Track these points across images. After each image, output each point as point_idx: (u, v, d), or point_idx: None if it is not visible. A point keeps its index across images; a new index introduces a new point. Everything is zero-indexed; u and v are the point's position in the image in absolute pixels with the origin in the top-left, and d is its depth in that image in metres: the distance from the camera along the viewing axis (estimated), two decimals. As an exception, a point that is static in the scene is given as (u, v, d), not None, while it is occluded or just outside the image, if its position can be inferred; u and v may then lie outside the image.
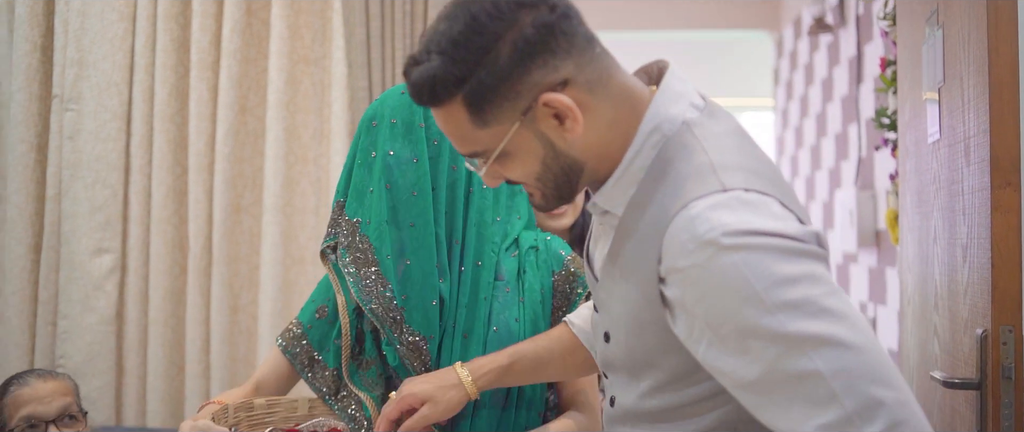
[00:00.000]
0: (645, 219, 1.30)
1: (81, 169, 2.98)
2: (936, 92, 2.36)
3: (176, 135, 3.03)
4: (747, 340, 1.20)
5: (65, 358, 2.95)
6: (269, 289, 2.95)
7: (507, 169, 1.36)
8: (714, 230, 1.20)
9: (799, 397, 1.18)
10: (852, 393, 1.16)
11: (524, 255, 1.89)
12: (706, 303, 1.22)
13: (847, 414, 1.16)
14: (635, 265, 1.32)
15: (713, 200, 1.23)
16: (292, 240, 3.02)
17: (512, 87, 1.27)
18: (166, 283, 3.02)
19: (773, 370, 1.19)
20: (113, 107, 2.99)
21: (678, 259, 1.23)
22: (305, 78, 3.03)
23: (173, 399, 3.03)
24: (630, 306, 1.35)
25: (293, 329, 1.94)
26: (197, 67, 2.99)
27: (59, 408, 2.26)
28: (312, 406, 1.91)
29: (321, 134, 3.04)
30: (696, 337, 1.25)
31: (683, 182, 1.27)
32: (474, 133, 1.31)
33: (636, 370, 1.41)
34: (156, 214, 3.01)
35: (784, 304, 1.18)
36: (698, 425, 1.37)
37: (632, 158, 1.33)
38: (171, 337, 3.03)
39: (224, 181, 2.97)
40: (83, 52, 2.98)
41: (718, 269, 1.19)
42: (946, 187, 2.28)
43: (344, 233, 1.79)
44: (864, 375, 1.16)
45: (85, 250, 2.97)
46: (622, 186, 1.35)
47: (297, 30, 3.02)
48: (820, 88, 5.23)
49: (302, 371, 1.91)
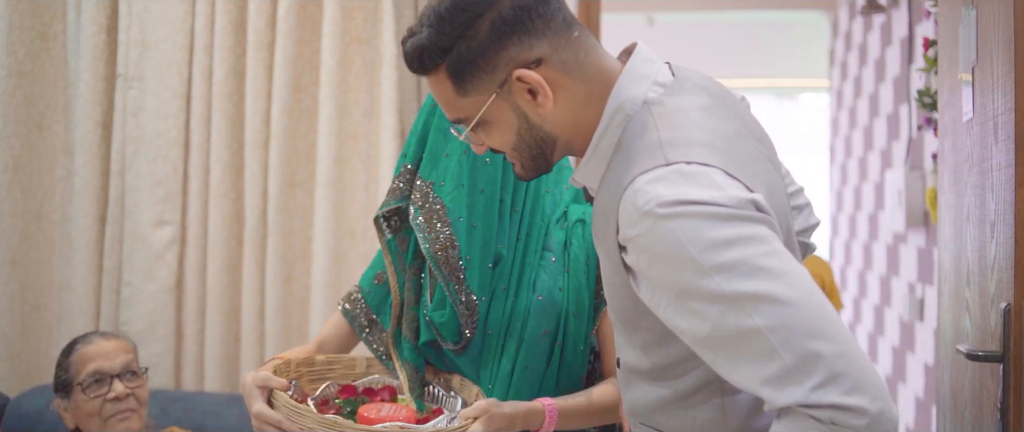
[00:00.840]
0: (610, 190, 1.40)
1: (143, 145, 3.11)
2: (970, 72, 2.39)
3: (233, 113, 3.14)
4: (691, 302, 1.29)
5: (127, 324, 3.09)
6: (321, 260, 3.06)
7: (487, 137, 1.49)
8: (651, 202, 1.29)
9: (744, 353, 1.27)
10: (790, 347, 1.24)
11: (571, 228, 1.97)
12: (654, 269, 1.32)
13: (787, 367, 1.24)
14: (604, 236, 1.42)
15: (654, 174, 1.32)
16: (343, 214, 3.12)
17: (489, 61, 1.40)
18: (223, 254, 3.14)
19: (718, 328, 1.28)
20: (174, 86, 3.11)
21: (627, 229, 1.33)
22: (357, 57, 3.13)
23: (229, 365, 3.15)
24: (611, 274, 1.46)
25: (354, 294, 2.07)
26: (253, 47, 3.10)
27: (123, 364, 2.41)
28: (369, 365, 2.03)
29: (371, 112, 3.13)
30: (656, 300, 1.36)
31: (634, 158, 1.37)
32: (457, 100, 1.44)
33: (628, 331, 1.52)
34: (214, 188, 3.13)
35: (718, 266, 1.26)
36: (687, 383, 1.47)
37: (600, 137, 1.44)
38: (227, 306, 3.15)
39: (279, 157, 3.08)
40: (146, 33, 3.11)
41: (657, 237, 1.29)
42: (978, 165, 2.31)
43: (419, 192, 1.88)
44: (800, 329, 1.24)
45: (147, 222, 3.10)
46: (593, 164, 1.46)
47: (349, 11, 3.11)
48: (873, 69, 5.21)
49: (360, 332, 2.04)
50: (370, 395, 1.93)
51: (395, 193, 1.93)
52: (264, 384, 1.78)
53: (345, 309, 2.05)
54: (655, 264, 1.32)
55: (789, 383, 1.24)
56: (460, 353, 1.92)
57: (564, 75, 1.43)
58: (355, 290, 2.07)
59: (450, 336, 1.90)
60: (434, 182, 1.87)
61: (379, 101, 3.10)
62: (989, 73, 2.21)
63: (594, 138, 1.44)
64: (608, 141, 1.44)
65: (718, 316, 1.27)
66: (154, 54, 3.11)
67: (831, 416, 1.23)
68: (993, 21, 2.18)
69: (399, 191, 1.92)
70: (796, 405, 1.24)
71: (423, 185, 1.88)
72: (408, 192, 1.92)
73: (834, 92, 6.50)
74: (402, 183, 1.92)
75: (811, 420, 1.24)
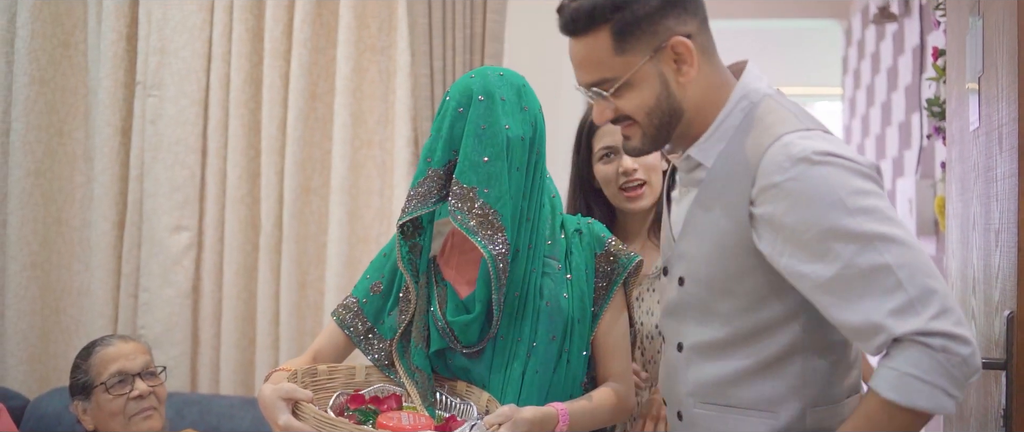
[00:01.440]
0: (736, 160, 1.61)
1: (162, 151, 3.16)
2: (977, 82, 2.41)
3: (250, 120, 3.19)
4: (828, 242, 1.51)
5: (145, 328, 3.13)
6: (335, 266, 3.10)
7: (625, 99, 1.65)
8: (805, 150, 1.53)
9: (870, 289, 1.49)
10: (913, 282, 1.48)
11: (570, 237, 2.00)
12: (795, 212, 1.53)
13: (910, 299, 1.47)
14: (726, 197, 1.62)
15: (802, 133, 1.58)
16: (357, 220, 3.17)
17: (652, 26, 1.60)
18: (239, 259, 3.18)
19: (849, 266, 1.50)
20: (192, 93, 3.16)
21: (774, 176, 1.54)
22: (371, 66, 3.17)
23: (244, 369, 3.20)
24: (717, 237, 1.64)
25: (349, 304, 2.05)
26: (270, 55, 3.15)
27: (142, 364, 2.46)
28: (368, 373, 2.02)
29: (386, 119, 3.17)
30: (779, 249, 1.56)
31: (772, 125, 1.61)
32: (611, 59, 1.62)
33: (713, 301, 1.68)
34: (231, 194, 3.18)
35: (861, 208, 1.50)
36: (769, 349, 1.65)
37: (724, 118, 1.65)
38: (243, 310, 3.20)
39: (294, 164, 3.13)
40: (165, 41, 3.16)
41: (809, 179, 1.52)
42: (983, 174, 2.32)
43: (460, 199, 1.85)
44: (920, 269, 1.49)
45: (165, 227, 3.15)
46: (713, 141, 1.66)
47: (364, 20, 3.15)
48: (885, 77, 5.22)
49: (358, 342, 2.02)
50: (377, 404, 1.93)
51: (425, 198, 1.89)
52: (289, 396, 1.77)
53: (341, 318, 2.04)
54: (798, 207, 1.52)
55: (911, 313, 1.47)
56: (475, 357, 1.93)
57: (702, 56, 1.64)
58: (350, 299, 2.06)
59: (469, 339, 1.91)
60: (478, 187, 1.85)
61: (393, 108, 3.14)
62: (994, 83, 2.23)
63: (718, 119, 1.65)
64: (730, 123, 1.65)
65: (853, 254, 1.49)
66: (173, 62, 3.16)
67: (943, 344, 1.46)
68: (998, 32, 2.20)
69: (427, 196, 1.89)
70: (915, 333, 1.46)
71: (464, 190, 1.85)
72: (437, 197, 1.90)
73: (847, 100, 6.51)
74: (430, 187, 1.89)
75: (924, 349, 1.47)
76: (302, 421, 1.75)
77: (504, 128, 1.86)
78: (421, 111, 3.03)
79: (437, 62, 3.02)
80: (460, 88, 1.90)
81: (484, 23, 2.99)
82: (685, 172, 1.73)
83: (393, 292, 2.04)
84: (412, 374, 1.94)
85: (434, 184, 1.89)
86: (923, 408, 1.49)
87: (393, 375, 2.00)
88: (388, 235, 3.13)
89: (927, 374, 1.48)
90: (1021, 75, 2.02)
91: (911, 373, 1.48)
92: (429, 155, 1.90)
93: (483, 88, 1.88)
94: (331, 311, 2.09)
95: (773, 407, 1.66)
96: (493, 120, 1.87)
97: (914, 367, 1.48)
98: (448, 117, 1.89)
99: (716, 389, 1.69)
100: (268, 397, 1.79)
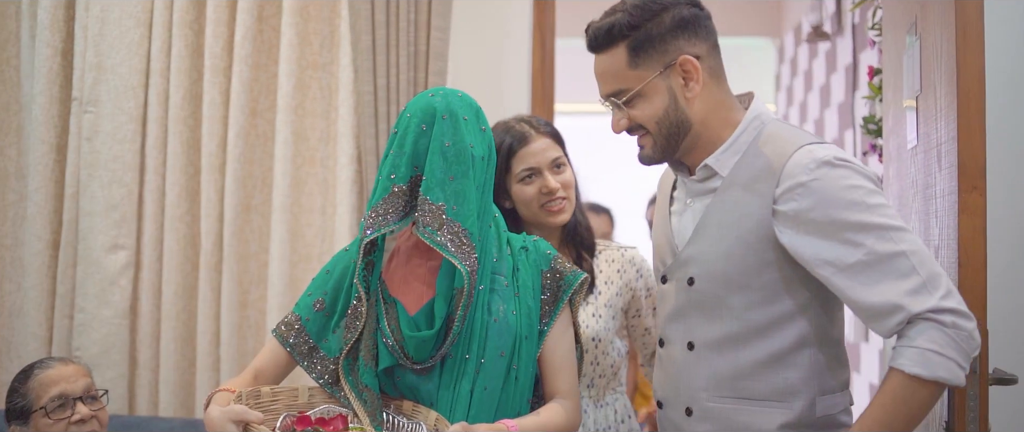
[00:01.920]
0: (756, 166, 1.84)
1: (98, 169, 3.10)
2: (914, 100, 2.46)
3: (189, 137, 3.15)
4: (851, 231, 1.75)
5: (81, 350, 3.06)
6: (277, 285, 3.07)
7: (638, 109, 1.87)
8: (827, 155, 1.78)
9: (888, 273, 1.73)
10: (924, 266, 1.73)
11: (516, 254, 2.02)
12: (821, 207, 1.76)
13: (923, 281, 1.73)
14: (749, 198, 1.83)
15: (818, 144, 1.83)
16: (299, 238, 3.14)
17: (664, 45, 1.84)
18: (178, 279, 3.13)
19: (871, 253, 1.74)
20: (129, 109, 3.11)
21: (800, 177, 1.78)
22: (313, 83, 3.15)
23: (184, 390, 3.14)
24: (739, 234, 1.84)
25: (290, 321, 2.03)
26: (210, 72, 3.11)
27: (84, 387, 2.40)
28: (312, 394, 2.01)
29: (328, 137, 3.15)
30: (802, 241, 1.78)
31: (791, 138, 1.85)
32: (625, 72, 1.85)
33: (727, 296, 1.86)
34: (169, 212, 3.12)
35: (876, 204, 1.76)
36: (780, 343, 1.85)
37: (739, 134, 1.88)
38: (183, 331, 3.14)
39: (235, 181, 3.09)
40: (102, 56, 3.10)
41: (832, 179, 1.76)
42: (922, 191, 2.38)
43: (430, 215, 1.86)
44: (927, 256, 1.75)
45: (101, 246, 3.09)
46: (729, 153, 1.88)
47: (306, 37, 3.13)
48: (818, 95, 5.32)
49: (301, 361, 2.00)
50: (323, 425, 1.90)
51: (392, 215, 1.90)
52: (240, 418, 1.76)
53: (283, 338, 2.02)
54: (823, 202, 1.76)
55: (924, 293, 1.72)
56: (423, 374, 1.93)
57: (709, 77, 1.88)
58: (292, 316, 2.03)
59: (422, 356, 1.91)
60: (446, 204, 1.87)
61: (335, 126, 3.12)
62: (932, 102, 2.28)
63: (734, 134, 1.88)
64: (745, 139, 1.87)
65: (873, 242, 1.74)
66: (110, 78, 3.10)
67: (953, 320, 1.71)
68: (936, 51, 2.25)
69: (392, 213, 1.90)
70: (929, 311, 1.70)
71: (433, 208, 1.87)
72: (402, 214, 1.90)
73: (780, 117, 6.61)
74: (395, 204, 1.90)
75: (938, 326, 1.71)
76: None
77: (469, 146, 1.90)
78: (364, 129, 3.01)
79: (380, 79, 3.01)
80: (422, 106, 1.92)
81: (428, 41, 2.99)
82: (698, 182, 1.92)
83: (338, 310, 2.03)
84: (360, 393, 1.93)
85: (399, 201, 1.90)
86: (944, 379, 1.72)
87: (338, 394, 1.98)
88: (330, 253, 3.10)
89: (944, 349, 1.71)
90: (960, 94, 2.07)
91: (931, 348, 1.71)
92: (392, 172, 1.90)
93: (446, 107, 1.91)
94: (272, 329, 2.06)
95: (786, 398, 1.86)
96: (458, 138, 1.90)
97: (932, 343, 1.71)
98: (411, 134, 1.90)
99: (732, 383, 1.87)
100: (217, 419, 1.78)
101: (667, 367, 1.97)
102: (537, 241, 2.06)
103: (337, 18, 3.12)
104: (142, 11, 3.13)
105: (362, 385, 1.93)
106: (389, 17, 3.00)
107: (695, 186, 1.94)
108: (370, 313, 1.94)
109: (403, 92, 2.99)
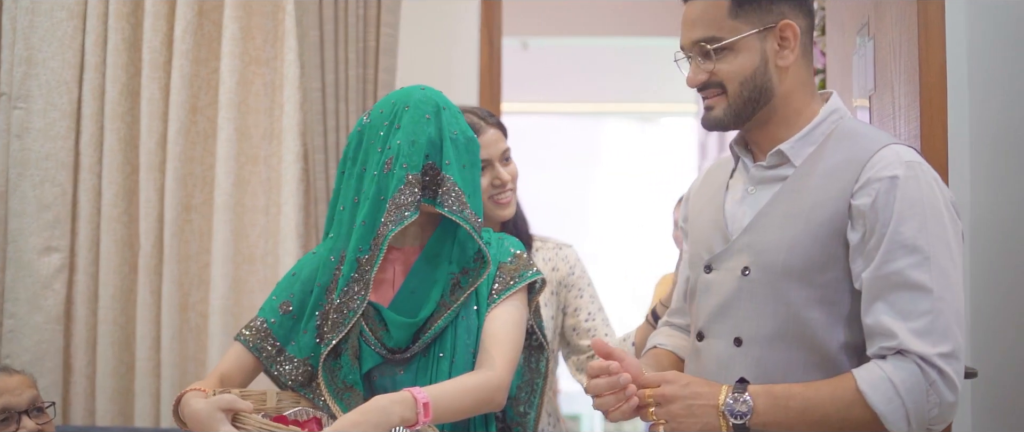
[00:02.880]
0: (835, 160, 1.74)
1: (29, 167, 2.97)
2: (867, 99, 2.51)
3: (127, 134, 3.04)
4: (918, 240, 1.64)
5: (11, 358, 2.93)
6: (219, 287, 2.98)
7: (726, 62, 1.76)
8: (913, 158, 1.69)
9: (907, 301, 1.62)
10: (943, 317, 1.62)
11: None
12: (893, 209, 1.65)
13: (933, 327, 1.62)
14: (824, 188, 1.73)
15: (904, 146, 1.73)
16: (243, 239, 3.05)
17: (769, 4, 1.75)
18: (116, 282, 3.02)
19: (902, 275, 1.62)
20: (62, 105, 2.99)
21: (883, 171, 1.67)
22: (256, 79, 3.07)
23: (122, 398, 3.03)
24: (810, 226, 1.73)
25: (255, 326, 2.00)
26: (148, 66, 3.00)
27: (29, 399, 2.27)
28: (280, 398, 1.99)
29: (272, 134, 3.07)
30: (865, 238, 1.68)
31: (874, 136, 1.77)
32: (724, 20, 1.75)
33: (786, 289, 1.74)
34: (106, 212, 3.01)
35: (951, 219, 1.68)
36: (828, 346, 1.72)
37: (817, 124, 1.79)
38: (120, 336, 3.03)
39: (175, 180, 2.99)
40: (32, 50, 2.98)
41: (918, 180, 1.67)
42: (878, 188, 2.41)
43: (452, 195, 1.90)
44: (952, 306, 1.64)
45: (33, 249, 2.96)
46: (805, 143, 1.78)
47: (249, 31, 3.05)
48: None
49: (269, 364, 1.99)
50: (299, 426, 1.90)
51: (408, 207, 1.89)
52: (230, 407, 1.76)
53: (249, 341, 1.99)
54: (898, 201, 1.65)
55: (927, 338, 1.61)
56: (399, 373, 1.93)
57: (802, 52, 1.79)
58: (257, 321, 2.01)
59: (402, 340, 1.92)
60: (465, 192, 1.91)
61: (280, 123, 3.05)
62: (889, 101, 2.33)
63: (812, 123, 1.79)
64: (822, 130, 1.78)
65: (913, 266, 1.63)
66: (41, 72, 2.98)
67: (935, 379, 1.59)
68: (893, 51, 2.30)
69: (409, 204, 1.89)
70: (921, 355, 1.59)
71: (458, 190, 1.90)
72: (416, 203, 1.89)
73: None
74: (412, 194, 1.89)
75: (918, 371, 1.60)
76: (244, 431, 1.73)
77: (472, 137, 1.96)
78: (312, 126, 2.94)
79: (329, 75, 2.94)
80: (419, 98, 1.94)
81: (378, 37, 2.94)
82: (767, 168, 1.81)
83: (306, 312, 2.00)
84: (339, 395, 1.90)
85: (414, 190, 1.89)
86: (881, 413, 1.60)
87: (308, 395, 1.97)
88: (275, 253, 3.03)
89: (905, 391, 1.60)
90: (922, 93, 2.12)
91: (892, 381, 1.60)
92: (405, 161, 1.90)
93: (443, 100, 1.97)
94: (235, 335, 2.03)
95: None
96: (462, 130, 1.95)
97: (900, 381, 1.60)
98: (420, 124, 1.91)
99: (780, 381, 1.73)
100: (203, 409, 1.76)
101: (706, 363, 1.86)
102: (503, 237, 2.05)
103: (281, 12, 3.05)
104: (75, 3, 3.01)
105: (343, 386, 1.91)
106: (338, 13, 2.95)
107: (761, 173, 1.83)
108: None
109: (352, 88, 2.93)
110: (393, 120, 1.94)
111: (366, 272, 1.91)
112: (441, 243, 1.99)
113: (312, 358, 1.96)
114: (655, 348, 2.05)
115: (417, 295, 1.95)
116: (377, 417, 1.71)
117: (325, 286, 1.98)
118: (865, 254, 1.68)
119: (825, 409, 1.64)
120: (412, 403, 1.75)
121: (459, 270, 1.96)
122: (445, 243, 1.98)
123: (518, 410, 2.05)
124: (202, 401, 1.78)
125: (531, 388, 2.06)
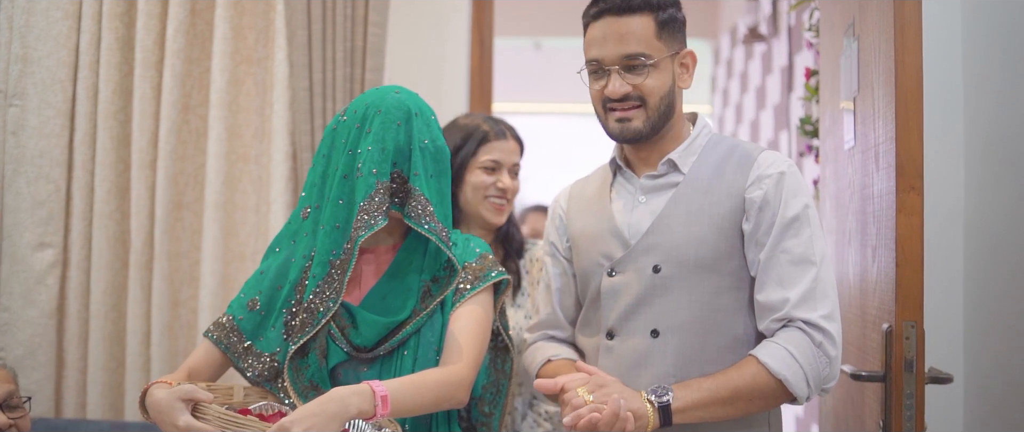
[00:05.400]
0: (720, 162, 2.00)
1: (24, 164, 3.01)
2: (851, 101, 2.48)
3: (119, 132, 3.06)
4: (801, 222, 1.91)
5: (5, 351, 2.97)
6: (209, 284, 3.00)
7: (650, 79, 1.95)
8: (790, 159, 1.99)
9: (795, 275, 1.88)
10: (821, 282, 1.89)
11: None
12: (781, 197, 1.92)
13: (814, 293, 1.89)
14: (718, 187, 1.97)
15: (776, 153, 2.03)
16: (232, 236, 3.07)
17: (679, 32, 1.99)
18: (107, 278, 3.05)
19: (792, 253, 1.89)
20: (57, 104, 3.02)
21: (770, 169, 1.95)
22: (247, 78, 3.09)
23: (113, 392, 3.06)
24: (713, 220, 1.96)
25: (222, 322, 2.04)
26: (141, 65, 3.03)
27: (5, 394, 2.29)
28: (247, 393, 2.02)
29: (262, 133, 3.09)
30: (757, 226, 1.93)
31: (752, 145, 2.06)
32: (652, 40, 1.95)
33: (697, 281, 1.95)
34: (98, 209, 3.04)
35: (814, 215, 1.95)
36: (736, 330, 1.95)
37: (695, 137, 2.04)
38: (112, 331, 3.06)
39: (166, 178, 3.01)
40: (28, 49, 3.01)
41: (796, 175, 1.96)
42: (859, 191, 2.40)
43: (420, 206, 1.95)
44: (830, 275, 1.94)
45: (27, 244, 3.00)
46: (688, 153, 2.03)
47: (240, 31, 3.07)
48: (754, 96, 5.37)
49: (237, 360, 2.02)
50: (264, 420, 1.92)
51: (377, 211, 1.91)
52: (190, 397, 1.80)
53: (216, 338, 2.03)
54: (783, 193, 1.92)
55: (809, 303, 1.87)
56: (363, 371, 1.95)
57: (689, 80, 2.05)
58: (225, 318, 2.05)
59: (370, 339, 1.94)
60: (432, 202, 1.95)
61: (270, 122, 3.06)
62: (870, 103, 2.30)
63: (691, 136, 2.05)
64: (699, 142, 2.04)
65: (801, 245, 1.90)
66: (37, 71, 3.01)
67: (821, 340, 1.85)
68: (874, 53, 2.27)
69: (379, 209, 1.92)
70: (805, 320, 1.86)
71: (424, 201, 1.94)
72: (385, 209, 1.92)
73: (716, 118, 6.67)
74: (381, 200, 1.92)
75: (806, 337, 1.85)
76: (204, 422, 1.76)
77: (442, 145, 1.99)
78: (300, 125, 2.96)
79: (317, 75, 2.96)
80: (392, 103, 1.96)
81: (365, 36, 2.94)
82: (658, 176, 2.03)
83: (275, 309, 2.04)
84: (304, 394, 1.93)
85: (384, 197, 1.92)
86: (786, 380, 1.83)
87: (274, 390, 2.00)
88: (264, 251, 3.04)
89: (801, 357, 1.84)
90: (898, 96, 2.09)
91: (789, 350, 1.84)
92: (374, 167, 1.93)
93: (416, 105, 1.99)
94: (204, 331, 2.07)
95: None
96: (433, 137, 1.98)
97: (794, 347, 1.85)
98: (389, 130, 1.94)
99: (700, 367, 1.92)
100: (164, 399, 1.80)
101: (623, 357, 1.98)
102: (470, 239, 2.07)
103: (272, 12, 3.06)
104: (70, 3, 3.04)
105: (309, 385, 1.94)
106: (326, 12, 2.96)
107: (650, 183, 2.04)
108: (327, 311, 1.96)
109: (340, 88, 2.94)
110: (364, 123, 1.97)
111: (337, 277, 1.93)
112: (412, 252, 2.01)
113: (279, 353, 1.99)
114: (549, 361, 2.10)
115: (388, 301, 1.98)
116: (335, 407, 1.73)
117: (294, 284, 2.00)
118: (757, 240, 1.92)
119: (734, 383, 1.84)
120: (370, 395, 1.77)
121: (430, 278, 1.99)
122: (415, 252, 2.02)
123: (483, 410, 2.06)
124: (164, 390, 1.81)
125: (496, 389, 2.07)
